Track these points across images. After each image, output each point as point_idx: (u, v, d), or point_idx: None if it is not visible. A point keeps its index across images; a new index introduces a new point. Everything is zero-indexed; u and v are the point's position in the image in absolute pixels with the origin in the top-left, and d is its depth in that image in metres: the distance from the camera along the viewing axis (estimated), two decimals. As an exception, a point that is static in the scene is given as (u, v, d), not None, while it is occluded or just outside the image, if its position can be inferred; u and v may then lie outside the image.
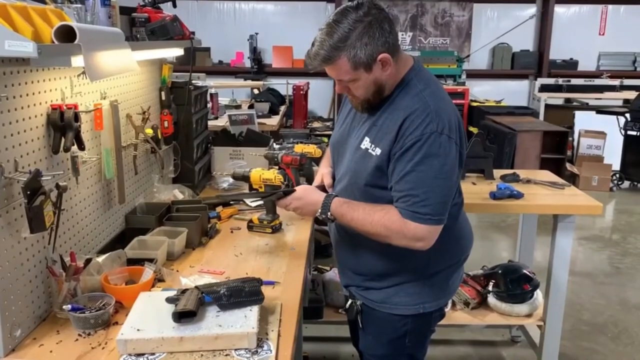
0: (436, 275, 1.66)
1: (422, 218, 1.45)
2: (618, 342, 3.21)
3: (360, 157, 1.56)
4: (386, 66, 1.45)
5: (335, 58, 1.42)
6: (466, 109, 7.51)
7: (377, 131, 1.52)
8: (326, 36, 1.41)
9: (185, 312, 1.32)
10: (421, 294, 1.64)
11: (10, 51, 1.10)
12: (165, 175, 2.43)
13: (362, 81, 1.47)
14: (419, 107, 1.45)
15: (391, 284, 1.65)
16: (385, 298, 1.66)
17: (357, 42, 1.39)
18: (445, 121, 1.44)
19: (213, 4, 8.19)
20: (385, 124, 1.50)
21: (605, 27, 8.20)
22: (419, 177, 1.44)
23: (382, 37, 1.41)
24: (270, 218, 2.12)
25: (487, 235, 5.04)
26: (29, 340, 1.36)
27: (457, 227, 1.68)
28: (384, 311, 1.66)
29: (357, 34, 1.39)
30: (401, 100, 1.50)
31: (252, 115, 3.93)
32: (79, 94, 1.63)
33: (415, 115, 1.44)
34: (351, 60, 1.41)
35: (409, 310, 1.64)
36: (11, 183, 1.31)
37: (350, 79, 1.47)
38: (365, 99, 1.53)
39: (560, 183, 2.81)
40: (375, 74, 1.46)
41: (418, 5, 8.12)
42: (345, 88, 1.53)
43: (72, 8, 1.50)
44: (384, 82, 1.49)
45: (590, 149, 6.72)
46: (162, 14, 2.11)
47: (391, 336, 1.69)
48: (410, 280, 1.63)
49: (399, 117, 1.46)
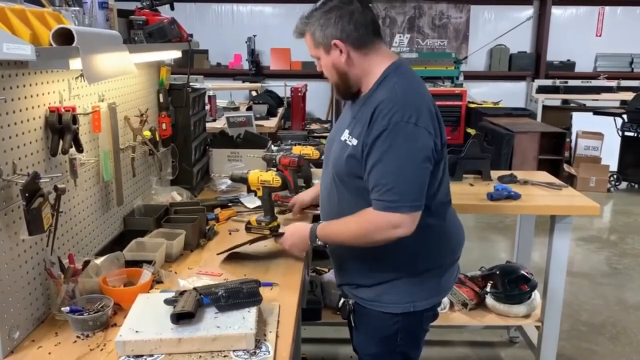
0: (426, 273, 1.67)
1: (392, 206, 1.46)
2: (616, 342, 3.22)
3: (340, 149, 1.62)
4: (342, 54, 1.55)
5: (303, 33, 1.60)
6: (464, 111, 7.54)
7: (355, 123, 1.59)
8: (304, 15, 1.60)
9: (184, 314, 1.33)
10: (411, 293, 1.65)
11: (9, 54, 1.10)
12: (164, 177, 2.44)
13: (323, 60, 1.60)
14: (387, 97, 1.50)
15: (380, 281, 1.66)
16: (375, 296, 1.67)
17: (316, 22, 1.55)
18: (413, 110, 1.46)
19: (211, 6, 8.20)
20: (361, 115, 1.56)
21: (602, 29, 8.23)
22: (386, 166, 1.47)
23: (338, 24, 1.53)
24: (268, 220, 2.12)
25: (485, 236, 5.05)
26: (28, 342, 1.36)
27: (446, 226, 1.69)
28: (375, 309, 1.68)
29: (318, 15, 1.55)
30: (377, 93, 1.55)
31: (250, 117, 3.93)
32: (77, 96, 1.64)
33: (383, 105, 1.48)
34: (312, 36, 1.58)
35: (399, 308, 1.65)
36: (9, 185, 1.31)
37: (315, 56, 1.62)
38: (333, 82, 1.64)
39: (557, 184, 2.81)
40: (333, 58, 1.56)
41: (415, 7, 8.14)
42: (319, 67, 1.65)
43: (70, 11, 1.50)
44: (344, 70, 1.57)
45: (587, 150, 6.74)
46: (160, 17, 2.11)
47: (382, 334, 1.70)
48: (400, 278, 1.65)
49: (371, 107, 1.51)
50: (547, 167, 5.30)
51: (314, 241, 1.69)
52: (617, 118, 6.40)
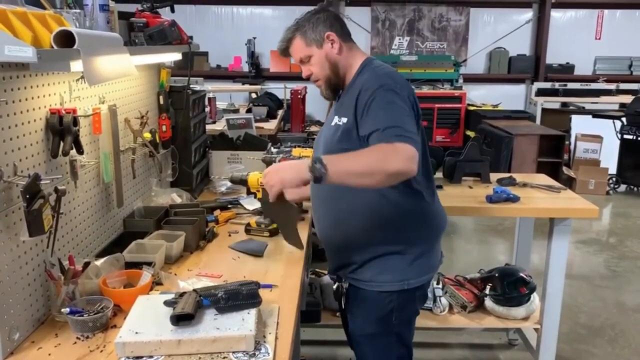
0: (417, 249, 1.75)
1: (405, 138, 1.48)
2: (615, 345, 3.23)
3: (331, 134, 1.74)
4: (334, 44, 1.72)
5: (292, 39, 1.75)
6: (463, 113, 7.54)
7: (342, 107, 1.73)
8: (287, 29, 1.78)
9: (183, 315, 1.33)
10: (404, 271, 1.73)
11: (10, 56, 1.11)
12: (164, 179, 2.44)
13: (316, 56, 1.74)
14: (369, 75, 1.68)
15: (373, 256, 1.73)
16: (370, 276, 1.75)
17: (306, 24, 1.73)
18: (395, 81, 1.63)
19: (211, 8, 8.21)
20: (346, 99, 1.71)
21: (602, 32, 8.24)
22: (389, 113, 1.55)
23: (327, 22, 1.73)
24: (267, 222, 2.13)
25: (484, 238, 5.05)
26: (28, 343, 1.36)
27: (431, 205, 1.79)
28: (370, 289, 1.76)
29: (306, 19, 1.75)
30: (357, 80, 1.72)
31: (250, 119, 3.94)
32: (77, 98, 1.64)
33: (368, 82, 1.64)
34: (303, 37, 1.73)
35: (393, 286, 1.73)
36: (10, 187, 1.32)
37: (306, 56, 1.74)
38: (325, 77, 1.76)
39: (556, 186, 2.82)
40: (326, 50, 1.73)
41: (415, 10, 8.15)
42: (307, 70, 1.77)
43: (71, 13, 1.51)
44: (336, 60, 1.74)
45: (586, 152, 6.75)
46: (160, 19, 2.12)
47: (378, 314, 1.77)
48: (391, 253, 1.72)
49: (356, 89, 1.67)
50: (547, 169, 5.30)
51: (315, 169, 1.44)
52: (616, 121, 6.41)
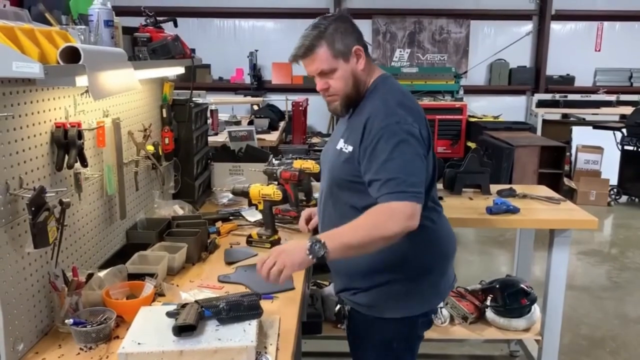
0: (421, 278, 1.68)
1: (405, 194, 1.46)
2: (617, 356, 3.21)
3: (336, 157, 1.67)
4: (360, 59, 1.61)
5: (317, 47, 1.57)
6: (464, 125, 7.57)
7: (349, 131, 1.65)
8: (310, 31, 1.59)
9: (185, 326, 1.34)
10: (407, 298, 1.67)
11: (18, 72, 1.13)
12: (166, 191, 2.46)
13: (340, 71, 1.60)
14: (380, 103, 1.59)
15: (377, 283, 1.67)
16: (372, 302, 1.69)
17: (335, 34, 1.57)
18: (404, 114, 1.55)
19: (213, 21, 8.29)
20: (355, 123, 1.63)
21: (601, 44, 8.30)
22: (390, 163, 1.50)
23: (354, 34, 1.61)
24: (269, 233, 2.14)
25: (485, 249, 5.05)
26: (31, 354, 1.38)
27: (437, 230, 1.71)
28: (371, 315, 1.70)
29: (333, 29, 1.57)
30: (368, 101, 1.63)
31: (252, 131, 3.96)
32: (82, 112, 1.67)
33: (377, 111, 1.56)
34: (330, 47, 1.57)
35: (395, 313, 1.68)
36: (16, 199, 1.34)
37: (331, 69, 1.59)
38: (345, 94, 1.63)
39: (556, 198, 2.83)
40: (352, 65, 1.60)
41: (416, 22, 8.22)
42: (325, 84, 1.63)
43: (77, 29, 1.54)
44: (360, 76, 1.63)
45: (587, 163, 6.76)
46: (163, 34, 2.15)
47: (378, 340, 1.73)
48: (395, 281, 1.66)
49: (364, 115, 1.59)
50: (547, 180, 5.30)
51: (314, 250, 1.43)
52: (616, 132, 6.42)
